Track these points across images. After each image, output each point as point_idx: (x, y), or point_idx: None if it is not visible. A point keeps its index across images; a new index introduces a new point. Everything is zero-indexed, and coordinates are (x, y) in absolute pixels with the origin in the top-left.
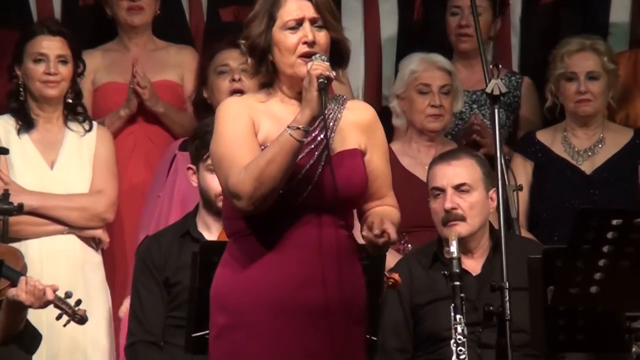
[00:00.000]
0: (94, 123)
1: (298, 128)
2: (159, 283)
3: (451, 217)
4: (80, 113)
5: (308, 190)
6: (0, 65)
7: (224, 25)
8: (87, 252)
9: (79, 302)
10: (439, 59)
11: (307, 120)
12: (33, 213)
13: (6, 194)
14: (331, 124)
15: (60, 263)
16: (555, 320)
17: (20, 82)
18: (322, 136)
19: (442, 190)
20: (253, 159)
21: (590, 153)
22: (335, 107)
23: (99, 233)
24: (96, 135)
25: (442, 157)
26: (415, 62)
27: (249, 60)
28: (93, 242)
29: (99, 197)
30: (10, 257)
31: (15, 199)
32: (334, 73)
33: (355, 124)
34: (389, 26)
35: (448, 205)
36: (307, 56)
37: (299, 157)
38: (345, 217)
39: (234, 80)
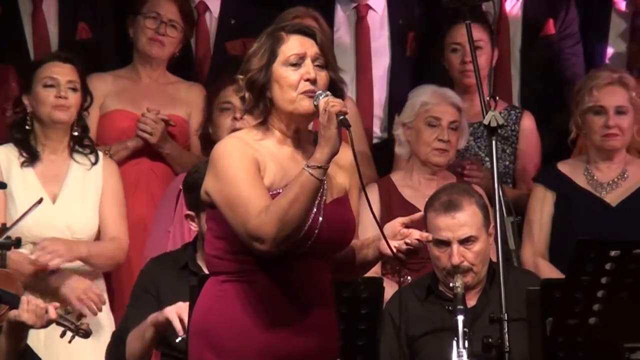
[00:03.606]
0: (100, 154)
1: (318, 167)
2: (154, 300)
3: (459, 270)
4: (87, 145)
5: (310, 241)
6: None
7: (231, 59)
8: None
9: (80, 316)
10: (451, 94)
11: (326, 158)
12: None
13: (4, 227)
14: None
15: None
16: (554, 351)
17: (28, 111)
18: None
19: (447, 244)
20: (274, 201)
21: (614, 186)
22: None
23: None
24: (103, 170)
25: (444, 207)
26: (427, 94)
27: (247, 95)
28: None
29: (118, 244)
30: (5, 281)
31: (49, 250)
32: (348, 109)
33: (339, 166)
34: (380, 64)
35: (456, 261)
36: (307, 93)
37: None
38: (330, 261)
39: (235, 118)
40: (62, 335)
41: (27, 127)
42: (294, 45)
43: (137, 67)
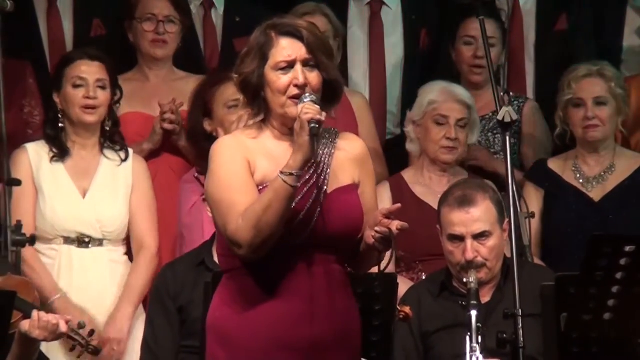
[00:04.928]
0: (130, 151)
1: (291, 174)
2: (172, 312)
3: (473, 265)
4: (117, 141)
5: (307, 232)
6: (11, 96)
7: (238, 55)
8: (117, 268)
9: (92, 332)
10: (460, 91)
11: (299, 165)
12: None
13: (19, 225)
14: (326, 159)
15: (89, 278)
16: (568, 347)
17: (59, 109)
18: (318, 177)
19: (461, 239)
20: (249, 206)
21: (600, 180)
22: (329, 142)
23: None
24: (132, 167)
25: (458, 202)
26: (435, 92)
27: (241, 97)
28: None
29: (152, 256)
30: (22, 289)
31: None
32: (325, 115)
33: (348, 158)
34: (393, 60)
35: (470, 256)
36: (297, 98)
37: (297, 199)
38: (340, 252)
39: None
40: (72, 349)
41: (60, 125)
42: (283, 50)
43: (144, 69)
